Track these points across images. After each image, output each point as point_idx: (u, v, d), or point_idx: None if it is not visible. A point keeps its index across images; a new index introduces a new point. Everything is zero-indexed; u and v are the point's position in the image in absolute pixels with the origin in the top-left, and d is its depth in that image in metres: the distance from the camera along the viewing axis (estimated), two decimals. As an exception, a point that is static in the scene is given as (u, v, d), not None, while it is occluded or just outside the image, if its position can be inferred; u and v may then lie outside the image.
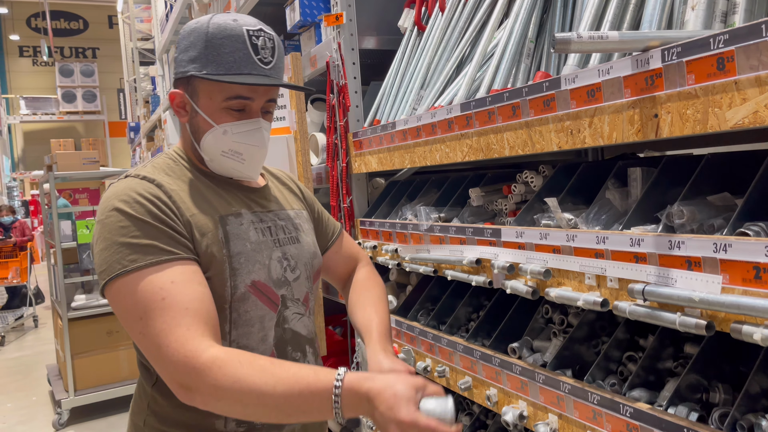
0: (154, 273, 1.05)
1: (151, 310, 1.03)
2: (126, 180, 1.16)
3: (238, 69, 1.14)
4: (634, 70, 1.17)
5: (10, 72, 18.70)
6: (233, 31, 1.15)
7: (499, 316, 1.87)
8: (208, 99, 1.18)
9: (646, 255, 1.18)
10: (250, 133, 1.20)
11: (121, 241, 1.06)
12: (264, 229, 1.25)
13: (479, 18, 2.01)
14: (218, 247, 1.15)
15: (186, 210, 1.14)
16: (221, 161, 1.22)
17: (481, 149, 1.65)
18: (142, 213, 1.08)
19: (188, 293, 1.05)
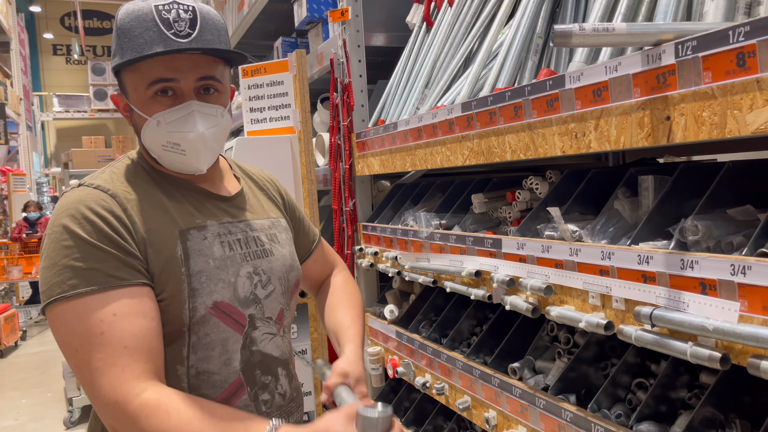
0: (95, 302, 0.96)
1: (89, 344, 0.95)
2: (79, 190, 1.06)
3: (150, 48, 1.02)
4: (644, 66, 1.04)
5: (44, 70, 19.09)
6: (140, 12, 1.04)
7: (503, 330, 1.75)
8: (134, 91, 1.07)
9: (655, 274, 1.05)
10: (182, 120, 1.06)
11: (63, 263, 0.97)
12: (233, 242, 1.14)
13: (488, 12, 1.89)
14: (176, 266, 1.05)
15: (142, 224, 1.04)
16: (165, 157, 1.10)
17: (482, 152, 1.53)
18: (89, 232, 0.99)
19: (129, 328, 0.97)
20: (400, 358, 2.06)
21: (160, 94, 1.06)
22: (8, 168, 9.36)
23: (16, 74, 12.26)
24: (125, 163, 1.14)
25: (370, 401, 1.03)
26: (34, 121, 16.07)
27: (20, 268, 7.33)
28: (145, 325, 0.99)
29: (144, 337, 0.98)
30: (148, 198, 1.08)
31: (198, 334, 1.07)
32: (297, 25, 2.79)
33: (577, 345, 1.52)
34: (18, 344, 6.85)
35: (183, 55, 1.05)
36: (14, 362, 6.18)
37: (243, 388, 1.11)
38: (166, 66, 1.04)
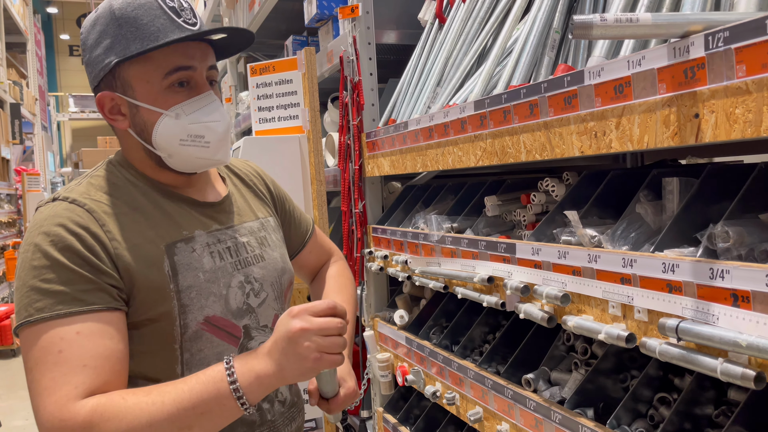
0: (59, 325, 0.90)
1: (43, 363, 0.88)
2: (53, 205, 0.99)
3: (165, 36, 0.98)
4: (670, 60, 0.97)
5: (60, 71, 19.26)
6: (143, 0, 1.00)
7: (516, 338, 1.67)
8: (146, 83, 1.01)
9: (681, 284, 0.98)
10: (206, 109, 1.02)
11: (31, 284, 0.92)
12: (222, 251, 1.08)
13: (502, 7, 1.82)
14: (163, 283, 0.99)
15: (123, 240, 0.97)
16: (182, 152, 1.04)
17: (496, 153, 1.46)
18: (61, 250, 0.93)
19: (91, 347, 0.90)
20: (410, 365, 2.00)
21: (177, 86, 1.01)
22: (23, 168, 9.42)
23: (32, 75, 12.36)
24: (104, 172, 1.07)
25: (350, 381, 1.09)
26: (50, 121, 16.21)
27: (33, 267, 7.36)
28: (110, 346, 0.92)
29: (107, 359, 0.91)
30: (130, 211, 1.02)
31: (191, 351, 1.02)
32: (307, 23, 2.73)
33: (595, 355, 1.45)
34: (28, 345, 6.87)
35: (194, 44, 1.01)
36: (26, 361, 6.21)
37: None
38: (184, 54, 1.00)
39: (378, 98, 2.36)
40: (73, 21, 19.11)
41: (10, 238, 8.64)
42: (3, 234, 8.21)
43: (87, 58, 1.04)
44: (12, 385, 5.40)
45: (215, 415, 0.90)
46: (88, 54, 1.03)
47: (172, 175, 1.09)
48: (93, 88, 1.07)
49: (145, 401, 0.88)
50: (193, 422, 0.88)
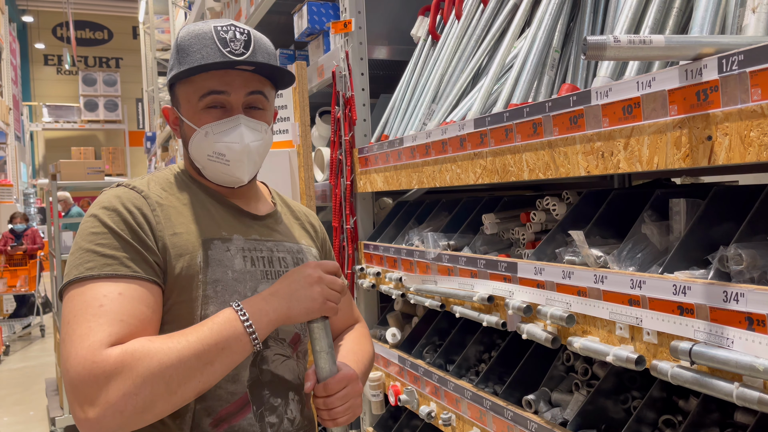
0: (104, 284, 0.98)
1: (83, 315, 0.95)
2: (116, 188, 1.12)
3: (205, 63, 1.10)
4: (682, 82, 0.97)
5: (35, 80, 18.93)
6: (200, 31, 1.12)
7: (513, 358, 1.66)
8: (187, 102, 1.14)
9: (693, 306, 0.97)
10: (228, 132, 1.13)
11: (86, 246, 1.02)
12: (256, 258, 1.16)
13: (498, 26, 1.82)
14: (194, 272, 1.07)
15: (169, 227, 1.08)
16: (209, 167, 1.16)
17: (497, 171, 1.45)
18: (116, 222, 1.03)
19: (130, 308, 0.97)
20: (403, 384, 1.96)
21: (211, 107, 1.12)
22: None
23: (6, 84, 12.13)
24: (165, 173, 1.20)
25: None
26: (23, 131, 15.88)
27: (4, 281, 7.16)
28: (146, 312, 1.00)
29: (141, 321, 0.98)
30: (179, 205, 1.12)
31: None
32: (297, 37, 2.72)
33: (596, 376, 1.44)
34: (0, 359, 6.66)
35: (235, 72, 1.12)
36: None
37: (249, 406, 1.09)
38: (219, 80, 1.11)
39: (369, 114, 2.34)
40: (49, 30, 18.84)
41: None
42: (-27, 246, 7.97)
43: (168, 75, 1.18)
44: (-20, 403, 5.21)
45: (233, 351, 0.98)
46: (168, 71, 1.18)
47: (213, 184, 1.19)
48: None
49: (171, 341, 0.95)
50: (215, 357, 0.96)
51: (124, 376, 0.89)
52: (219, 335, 0.97)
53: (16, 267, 7.35)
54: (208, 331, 0.98)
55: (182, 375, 0.93)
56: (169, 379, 0.92)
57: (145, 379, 0.90)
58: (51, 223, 4.42)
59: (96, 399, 0.88)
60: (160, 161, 9.94)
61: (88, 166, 4.23)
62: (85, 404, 0.89)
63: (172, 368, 0.92)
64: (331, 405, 1.08)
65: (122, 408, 0.89)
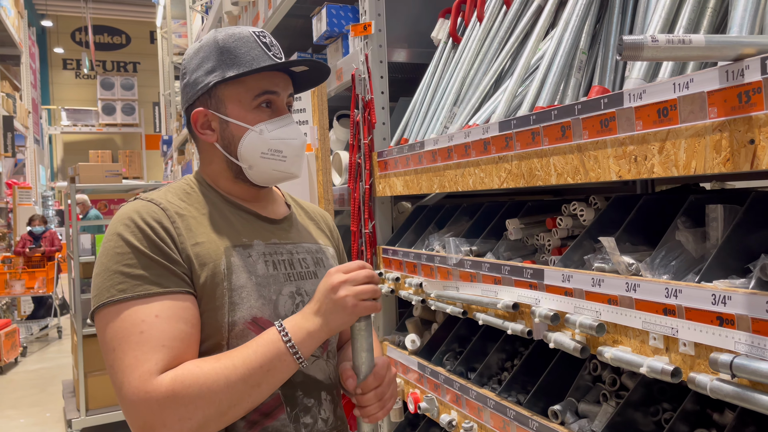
0: (139, 306, 1.00)
1: (126, 343, 0.98)
2: (134, 203, 1.12)
3: (258, 64, 1.14)
4: (722, 84, 0.93)
5: (54, 84, 19.18)
6: (242, 35, 1.17)
7: (537, 367, 1.62)
8: (237, 103, 1.16)
9: (734, 317, 0.93)
10: (286, 129, 1.18)
11: (114, 268, 1.03)
12: (277, 262, 1.18)
13: (522, 28, 1.79)
14: (218, 280, 1.08)
15: (190, 237, 1.09)
16: (262, 165, 1.17)
17: (522, 175, 1.42)
18: (139, 239, 1.05)
19: (169, 330, 1.00)
20: (423, 392, 1.93)
21: (264, 106, 1.16)
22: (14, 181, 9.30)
23: (25, 87, 12.29)
24: (181, 184, 1.20)
25: None
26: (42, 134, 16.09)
27: (23, 282, 7.23)
28: (185, 330, 1.02)
29: (182, 341, 1.01)
30: (198, 215, 1.13)
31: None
32: (315, 40, 2.70)
33: (624, 387, 1.39)
34: (18, 360, 6.71)
35: (279, 74, 1.19)
36: (13, 379, 6.05)
37: (282, 407, 1.11)
38: (270, 81, 1.17)
39: (389, 117, 2.32)
40: (68, 35, 19.08)
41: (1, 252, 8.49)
42: (-8, 248, 8.07)
43: (187, 80, 1.19)
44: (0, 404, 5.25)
45: (278, 371, 1.02)
46: (189, 76, 1.19)
47: (244, 188, 1.21)
48: (186, 107, 1.20)
49: (219, 366, 0.99)
50: (262, 379, 1.01)
51: (177, 403, 0.95)
52: (264, 357, 1.01)
53: (35, 269, 7.42)
54: (253, 354, 1.01)
55: (231, 399, 0.98)
56: (219, 404, 0.97)
57: (197, 405, 0.95)
58: (69, 225, 4.44)
59: (153, 425, 0.95)
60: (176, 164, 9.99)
61: (107, 169, 4.26)
62: (145, 430, 0.96)
63: (221, 393, 0.97)
64: (381, 394, 1.14)
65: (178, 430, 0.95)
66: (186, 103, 1.20)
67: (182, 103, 1.22)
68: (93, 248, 4.37)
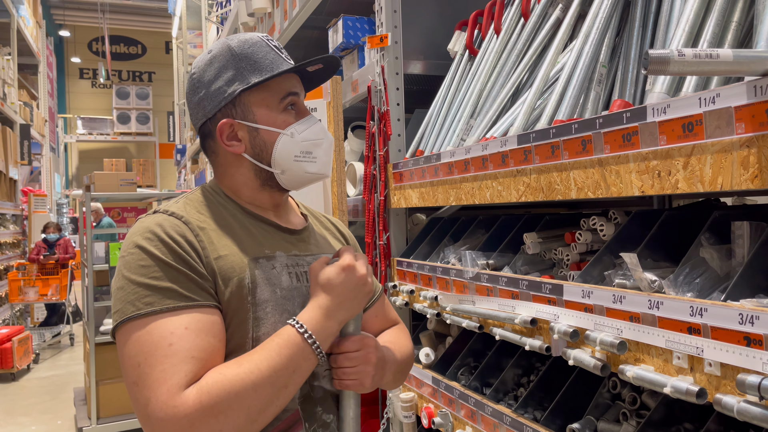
0: (168, 318, 0.97)
1: (154, 356, 0.94)
2: (153, 216, 1.09)
3: (278, 68, 1.14)
4: (750, 99, 0.91)
5: (70, 93, 19.43)
6: (253, 40, 1.16)
7: (554, 383, 1.59)
8: (266, 108, 1.14)
9: (762, 337, 0.91)
10: (314, 129, 1.17)
11: (139, 281, 0.99)
12: (300, 274, 1.15)
13: (540, 40, 1.78)
14: (243, 294, 1.05)
15: (213, 251, 1.06)
16: (295, 168, 1.15)
17: (542, 189, 1.40)
18: (164, 252, 1.01)
19: (198, 342, 0.96)
20: (437, 406, 1.91)
21: (290, 108, 1.15)
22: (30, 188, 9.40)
23: (42, 96, 12.45)
24: (199, 195, 1.17)
25: None
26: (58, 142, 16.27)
27: (36, 289, 7.27)
28: (214, 344, 0.99)
29: (210, 354, 0.97)
30: (219, 227, 1.10)
31: None
32: (331, 52, 2.71)
33: (644, 405, 1.37)
34: (30, 367, 6.74)
35: (294, 75, 1.18)
36: (26, 386, 6.07)
37: (300, 423, 1.09)
38: (290, 83, 1.16)
39: (404, 129, 2.31)
40: (85, 45, 19.33)
41: (14, 259, 8.57)
42: (7, 255, 8.15)
43: (203, 93, 1.15)
44: (11, 410, 5.27)
45: (303, 370, 1.01)
46: (206, 89, 1.14)
47: (268, 196, 1.18)
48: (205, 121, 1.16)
49: (243, 371, 0.95)
50: (288, 380, 0.98)
51: (207, 415, 0.91)
52: (288, 358, 0.99)
53: (48, 276, 7.47)
54: (277, 355, 0.98)
55: (260, 404, 0.95)
56: (248, 410, 0.94)
57: (228, 416, 0.92)
58: (84, 233, 4.47)
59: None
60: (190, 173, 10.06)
61: (122, 177, 4.29)
62: None
63: (249, 399, 0.94)
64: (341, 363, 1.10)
65: None
66: (204, 117, 1.16)
67: (197, 118, 1.18)
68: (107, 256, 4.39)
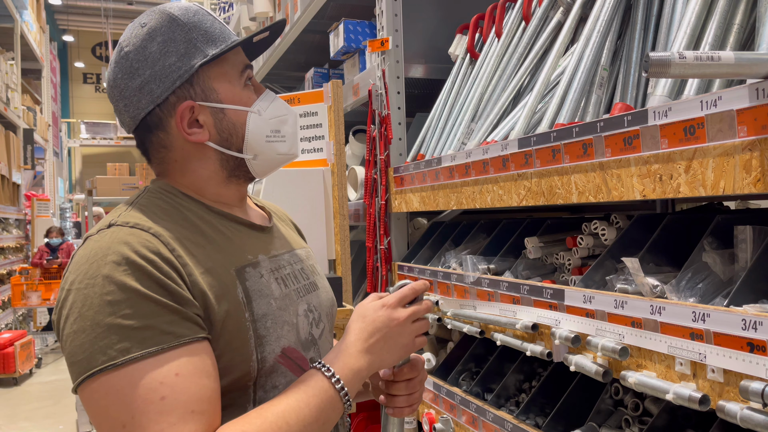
0: (153, 365, 0.78)
1: (144, 415, 0.76)
2: (112, 231, 0.87)
3: (230, 37, 0.99)
4: (752, 102, 0.90)
5: (74, 97, 19.49)
6: (194, 8, 0.99)
7: (556, 389, 1.58)
8: (228, 84, 0.98)
9: (765, 343, 0.90)
10: (276, 104, 1.02)
11: (107, 322, 0.79)
12: (285, 278, 1.01)
13: (541, 44, 1.77)
14: (239, 311, 0.90)
15: (195, 266, 0.87)
16: (267, 150, 1.01)
17: (542, 193, 1.39)
18: (138, 279, 0.81)
19: (195, 390, 0.80)
20: (438, 412, 1.89)
21: (248, 82, 1.01)
22: (33, 193, 9.41)
23: (46, 101, 12.48)
24: (153, 198, 0.96)
25: None
26: (61, 147, 16.32)
27: (39, 294, 7.28)
28: (210, 386, 0.82)
29: (210, 401, 0.82)
30: (191, 234, 0.92)
31: (265, 388, 0.93)
32: (333, 56, 2.71)
33: (647, 412, 1.35)
34: (33, 372, 6.75)
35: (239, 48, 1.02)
36: (28, 390, 6.07)
37: None
38: (243, 55, 1.01)
39: (405, 132, 2.31)
40: (88, 49, 19.40)
41: (17, 264, 8.58)
42: (10, 259, 8.16)
43: (149, 73, 0.93)
44: (13, 415, 5.26)
45: (331, 420, 0.90)
46: (150, 68, 0.93)
47: (232, 191, 1.02)
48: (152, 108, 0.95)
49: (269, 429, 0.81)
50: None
51: None
52: (318, 410, 0.86)
53: (51, 280, 7.47)
54: (305, 406, 0.85)
55: None
56: None
57: None
58: (85, 238, 4.47)
59: None
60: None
61: (123, 182, 4.29)
62: None
63: None
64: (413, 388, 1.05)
65: None
66: (152, 104, 0.94)
67: (138, 108, 0.95)
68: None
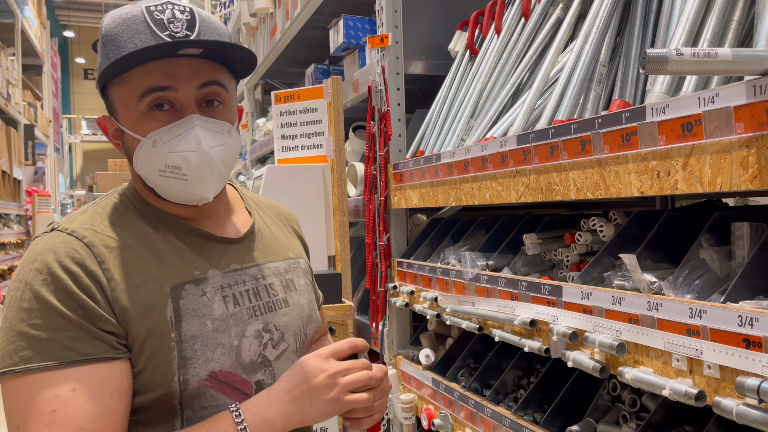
0: (51, 378, 0.81)
1: (34, 424, 0.79)
2: (50, 236, 0.90)
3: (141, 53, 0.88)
4: (750, 98, 0.90)
5: (75, 93, 19.50)
6: (129, 15, 0.89)
7: (554, 385, 1.58)
8: (124, 106, 0.90)
9: (761, 340, 0.90)
10: (182, 137, 0.89)
11: (18, 327, 0.82)
12: (239, 295, 0.97)
13: (541, 40, 1.77)
14: (164, 331, 0.88)
15: (123, 280, 0.87)
16: (163, 185, 0.93)
17: (541, 189, 1.39)
18: (54, 291, 0.83)
19: (89, 408, 0.80)
20: (437, 408, 1.90)
21: (156, 109, 0.89)
22: (34, 189, 9.42)
23: (46, 97, 12.48)
24: (113, 201, 0.97)
25: None
26: (62, 143, 16.32)
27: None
28: (110, 406, 0.83)
29: (106, 420, 0.82)
30: (136, 244, 0.91)
31: (192, 407, 0.92)
32: (332, 52, 2.71)
33: (644, 408, 1.36)
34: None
35: (181, 60, 0.89)
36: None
37: None
38: (162, 73, 0.88)
39: (405, 129, 2.31)
40: (89, 45, 19.40)
41: (17, 259, 8.58)
42: (11, 255, 8.17)
43: None
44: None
45: None
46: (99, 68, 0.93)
47: (176, 205, 0.97)
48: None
49: None
50: None
51: None
52: None
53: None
54: None
55: None
56: None
57: None
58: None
59: None
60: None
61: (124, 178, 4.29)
62: None
63: None
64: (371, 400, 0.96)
65: None
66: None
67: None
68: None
